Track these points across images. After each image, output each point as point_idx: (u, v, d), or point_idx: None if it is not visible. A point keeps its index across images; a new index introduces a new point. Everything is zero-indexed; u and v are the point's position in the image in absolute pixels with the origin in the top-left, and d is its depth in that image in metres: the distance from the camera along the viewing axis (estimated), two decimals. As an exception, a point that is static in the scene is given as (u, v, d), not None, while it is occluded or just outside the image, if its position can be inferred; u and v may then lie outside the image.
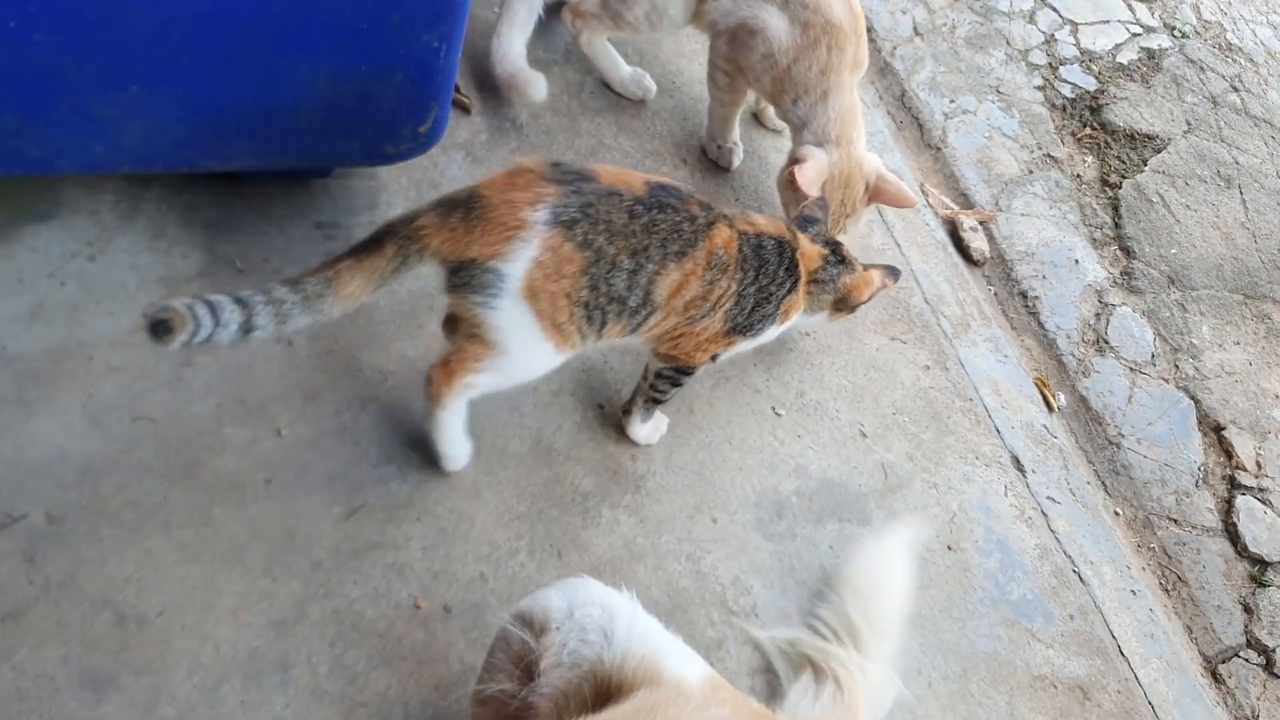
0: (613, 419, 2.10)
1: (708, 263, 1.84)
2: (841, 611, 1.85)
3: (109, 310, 1.92)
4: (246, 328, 1.62)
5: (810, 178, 2.23)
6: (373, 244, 1.71)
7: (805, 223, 2.09)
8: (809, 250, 2.02)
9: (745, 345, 2.01)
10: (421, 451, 1.93)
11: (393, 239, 1.71)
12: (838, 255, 2.07)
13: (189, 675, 1.64)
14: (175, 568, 1.72)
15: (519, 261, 1.71)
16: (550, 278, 1.73)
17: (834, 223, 2.31)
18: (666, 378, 2.01)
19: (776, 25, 2.31)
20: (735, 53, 2.38)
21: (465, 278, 1.74)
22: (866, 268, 2.12)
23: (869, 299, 2.14)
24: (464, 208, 1.72)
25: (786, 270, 1.95)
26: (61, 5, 1.57)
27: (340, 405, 1.95)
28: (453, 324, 1.87)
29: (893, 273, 2.18)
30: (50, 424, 1.79)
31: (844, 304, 2.10)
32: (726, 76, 2.44)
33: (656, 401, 2.06)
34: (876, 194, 2.36)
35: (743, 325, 1.94)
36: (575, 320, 1.79)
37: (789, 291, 1.97)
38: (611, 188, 1.77)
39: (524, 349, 1.81)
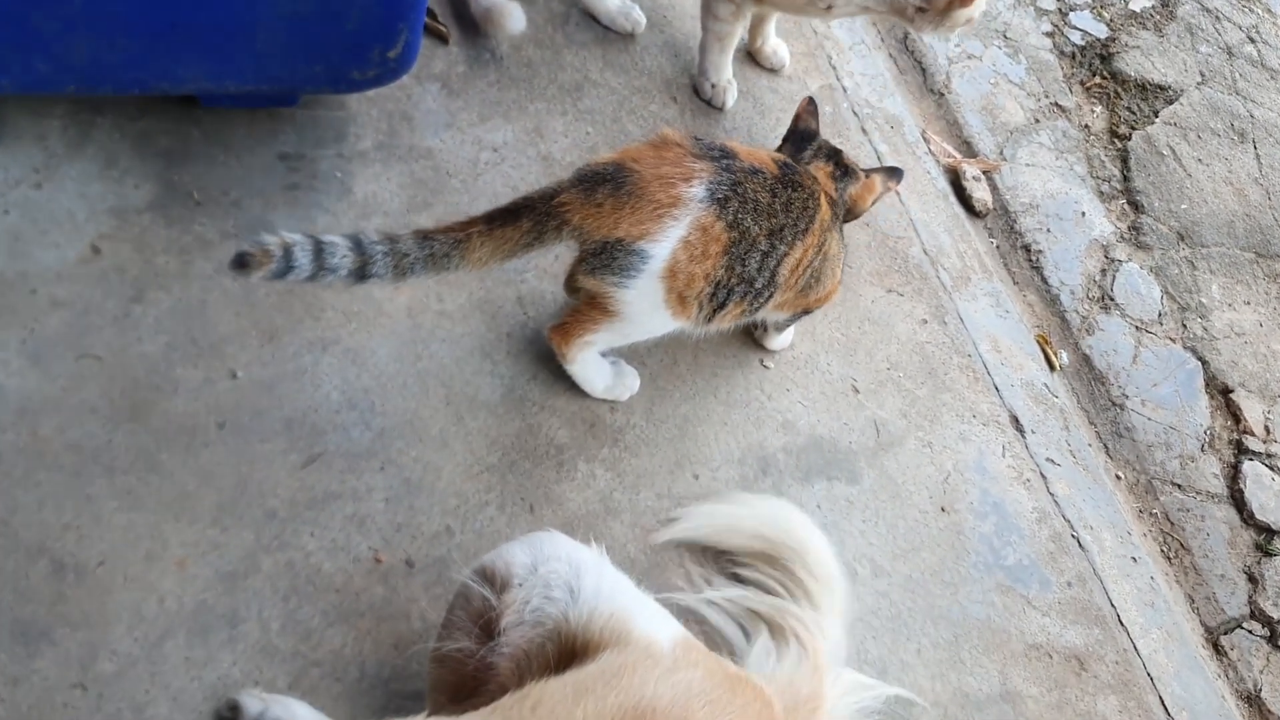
0: (591, 367, 1.99)
1: (819, 234, 1.86)
2: (783, 566, 1.73)
3: (55, 241, 1.80)
4: (360, 274, 1.59)
5: None
6: (508, 214, 1.67)
7: (803, 138, 2.00)
8: (823, 179, 1.95)
9: None
10: (385, 398, 1.82)
11: (530, 213, 1.67)
12: (840, 168, 1.99)
13: (130, 629, 1.54)
14: (118, 515, 1.61)
15: (667, 241, 1.69)
16: (695, 259, 1.71)
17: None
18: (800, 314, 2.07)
19: None
20: None
21: (606, 258, 1.71)
22: (868, 173, 2.04)
23: (872, 205, 2.07)
24: (612, 182, 1.67)
25: (836, 215, 1.97)
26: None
27: (300, 347, 1.83)
28: (574, 283, 1.83)
29: (894, 174, 2.11)
30: (-14, 360, 1.67)
31: (850, 215, 2.05)
32: (730, 4, 2.30)
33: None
34: None
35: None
36: (701, 296, 1.78)
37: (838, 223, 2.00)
38: (752, 165, 1.75)
39: (643, 318, 1.80)
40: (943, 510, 2.10)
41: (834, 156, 2.00)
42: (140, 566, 1.58)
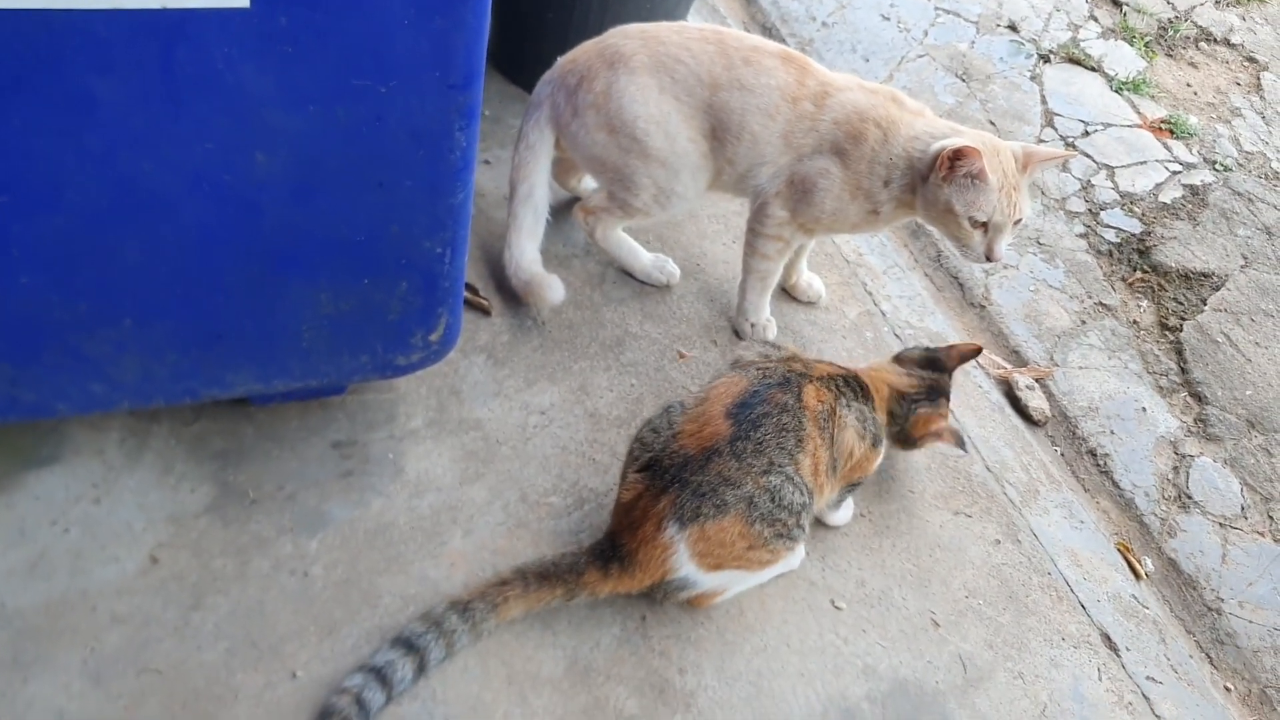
0: (656, 628, 1.93)
1: (819, 425, 1.88)
2: None
3: (114, 555, 1.82)
4: (420, 669, 1.74)
5: (970, 148, 2.06)
6: (543, 579, 1.81)
7: (929, 364, 2.16)
8: (874, 380, 2.07)
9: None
10: (445, 684, 1.77)
11: (563, 583, 1.82)
12: (920, 395, 2.10)
13: None
14: (180, 840, 1.56)
15: (687, 565, 1.81)
16: (722, 552, 1.81)
17: (1005, 200, 2.13)
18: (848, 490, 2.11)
19: (824, 164, 2.23)
20: (796, 213, 2.29)
21: (660, 593, 1.89)
22: (946, 419, 2.12)
23: (919, 438, 2.10)
24: (617, 558, 1.83)
25: (862, 391, 2.01)
26: (46, 245, 1.52)
27: (359, 638, 1.80)
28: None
29: (959, 441, 2.14)
30: (48, 685, 1.66)
31: (905, 435, 2.10)
32: (778, 241, 2.35)
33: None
34: (1030, 158, 2.18)
35: (876, 437, 2.00)
36: (776, 548, 1.86)
37: (874, 407, 2.03)
38: (703, 449, 1.81)
39: (752, 580, 1.95)
40: (1044, 747, 1.97)
41: (930, 385, 2.11)
42: None
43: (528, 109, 2.35)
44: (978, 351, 2.20)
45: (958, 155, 2.07)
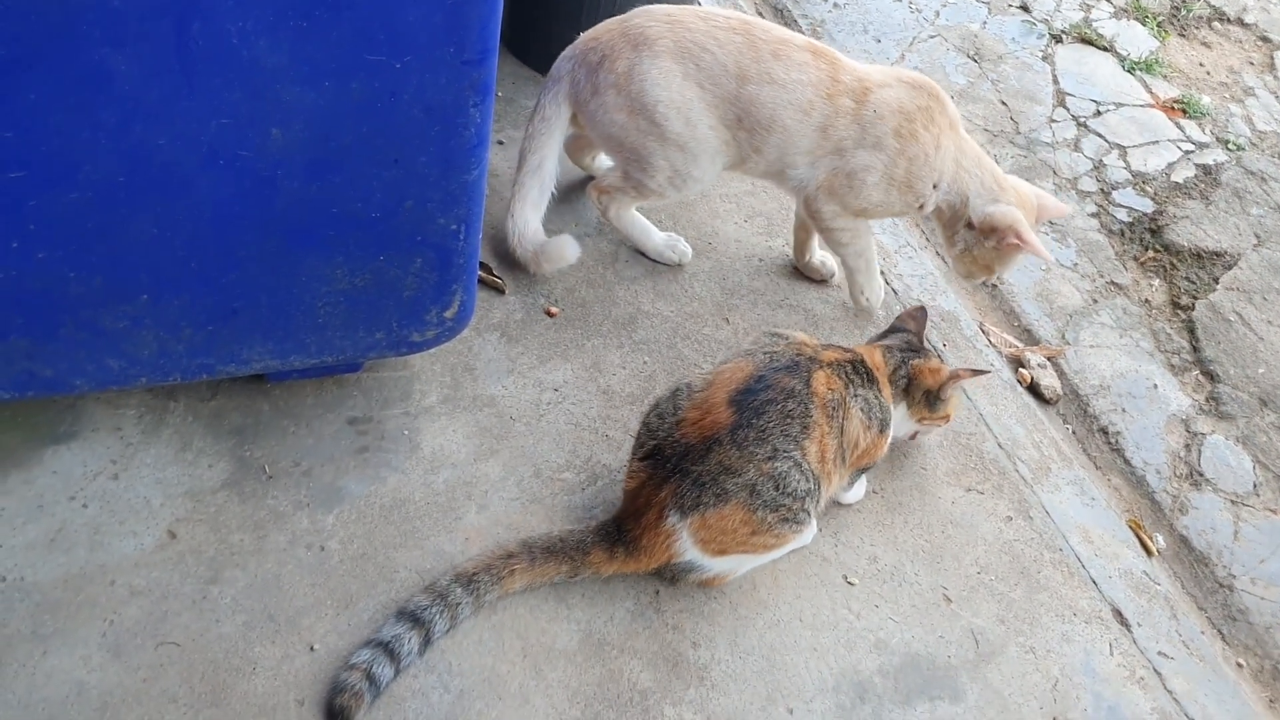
0: (669, 602, 1.94)
1: (828, 414, 1.87)
2: None
3: (132, 530, 1.84)
4: (428, 641, 1.76)
5: (1031, 232, 2.29)
6: (549, 554, 1.84)
7: (893, 331, 2.18)
8: (870, 353, 2.07)
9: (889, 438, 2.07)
10: (462, 656, 1.79)
11: (568, 560, 1.85)
12: (904, 350, 2.10)
13: None
14: (200, 809, 1.58)
15: (691, 550, 1.84)
16: (725, 538, 1.83)
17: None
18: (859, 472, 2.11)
19: (868, 159, 2.27)
20: (846, 204, 2.34)
21: (668, 574, 1.92)
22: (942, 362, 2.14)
23: (944, 389, 2.08)
24: (622, 542, 1.86)
25: (868, 376, 2.00)
26: (62, 221, 1.54)
27: (376, 612, 1.82)
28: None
29: (976, 371, 2.15)
30: (68, 658, 1.68)
31: (913, 389, 2.08)
32: (846, 230, 2.42)
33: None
34: (1041, 213, 2.40)
35: (883, 423, 2.00)
36: (782, 532, 1.86)
37: (879, 390, 2.02)
38: (704, 438, 1.81)
39: (761, 560, 1.95)
40: (1055, 721, 1.98)
41: (906, 343, 2.13)
42: None
43: (546, 83, 2.36)
44: (921, 310, 2.23)
45: (1021, 241, 2.27)
